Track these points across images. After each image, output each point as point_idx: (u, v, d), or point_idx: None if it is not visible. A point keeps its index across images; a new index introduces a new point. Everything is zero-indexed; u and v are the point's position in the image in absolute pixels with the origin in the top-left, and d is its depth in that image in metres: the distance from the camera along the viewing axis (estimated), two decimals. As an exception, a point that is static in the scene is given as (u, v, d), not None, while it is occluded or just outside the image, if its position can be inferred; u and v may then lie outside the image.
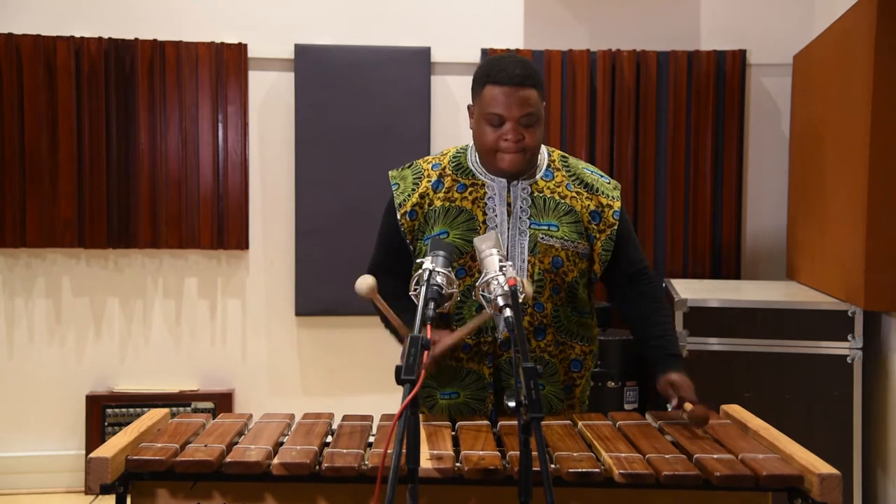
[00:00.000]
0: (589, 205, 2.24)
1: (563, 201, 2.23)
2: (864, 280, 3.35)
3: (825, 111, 3.91)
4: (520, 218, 2.22)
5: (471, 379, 2.24)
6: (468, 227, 2.20)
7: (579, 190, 2.25)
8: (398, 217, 2.25)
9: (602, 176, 2.31)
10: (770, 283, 4.35)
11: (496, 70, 2.13)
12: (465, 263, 2.19)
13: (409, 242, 2.26)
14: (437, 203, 2.23)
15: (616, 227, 2.25)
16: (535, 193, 2.23)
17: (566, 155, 2.34)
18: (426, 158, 2.35)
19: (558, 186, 2.25)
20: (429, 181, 2.26)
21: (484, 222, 2.21)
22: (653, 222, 4.47)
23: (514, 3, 4.53)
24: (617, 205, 2.26)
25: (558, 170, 2.28)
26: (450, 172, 2.27)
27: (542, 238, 2.20)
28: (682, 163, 4.46)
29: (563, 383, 2.28)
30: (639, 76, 4.45)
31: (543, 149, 2.29)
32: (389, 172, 2.33)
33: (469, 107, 2.25)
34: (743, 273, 4.54)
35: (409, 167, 2.33)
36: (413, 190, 2.26)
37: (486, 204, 2.22)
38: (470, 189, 2.24)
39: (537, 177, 2.25)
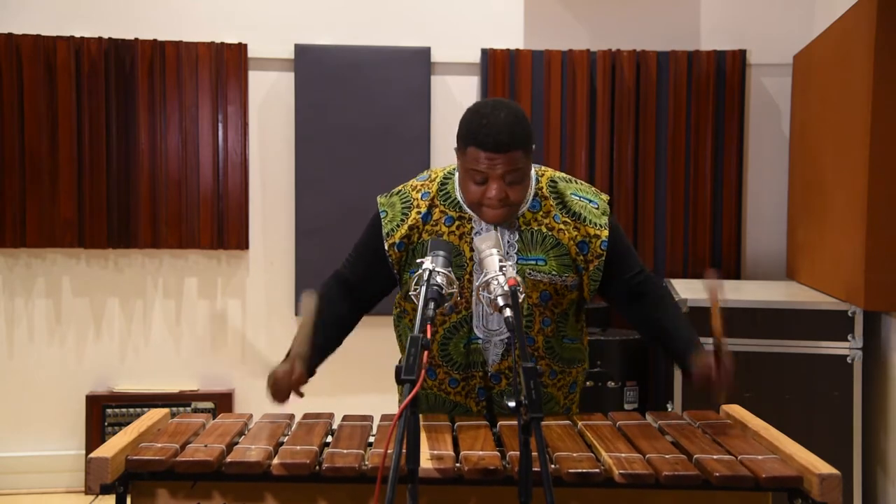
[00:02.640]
0: (576, 235, 2.17)
1: (550, 234, 2.17)
2: (864, 280, 3.35)
3: (825, 111, 3.91)
4: (507, 254, 2.15)
5: (458, 412, 2.23)
6: (455, 264, 2.13)
7: (566, 220, 2.18)
8: (385, 246, 2.21)
9: (591, 201, 2.22)
10: (770, 283, 4.35)
11: (482, 134, 2.04)
12: (454, 299, 2.13)
13: (395, 273, 2.23)
14: (426, 237, 2.18)
15: (604, 257, 2.18)
16: (523, 227, 2.17)
17: (555, 179, 2.23)
18: (415, 185, 2.26)
19: (545, 217, 2.18)
20: (418, 213, 2.20)
21: (471, 258, 2.15)
22: (653, 222, 4.46)
23: (514, 3, 4.53)
24: (604, 234, 2.18)
25: (546, 198, 2.19)
26: (438, 203, 2.20)
27: (530, 273, 2.15)
28: (682, 163, 4.46)
29: (562, 408, 2.27)
30: (639, 76, 4.45)
31: (532, 173, 2.20)
32: (378, 199, 2.27)
33: (456, 150, 2.16)
34: (743, 273, 4.54)
35: (397, 194, 2.26)
36: (402, 220, 2.20)
37: (472, 239, 2.16)
38: (457, 223, 2.18)
39: (524, 209, 2.18)
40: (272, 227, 4.54)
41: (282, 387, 2.10)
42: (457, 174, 2.22)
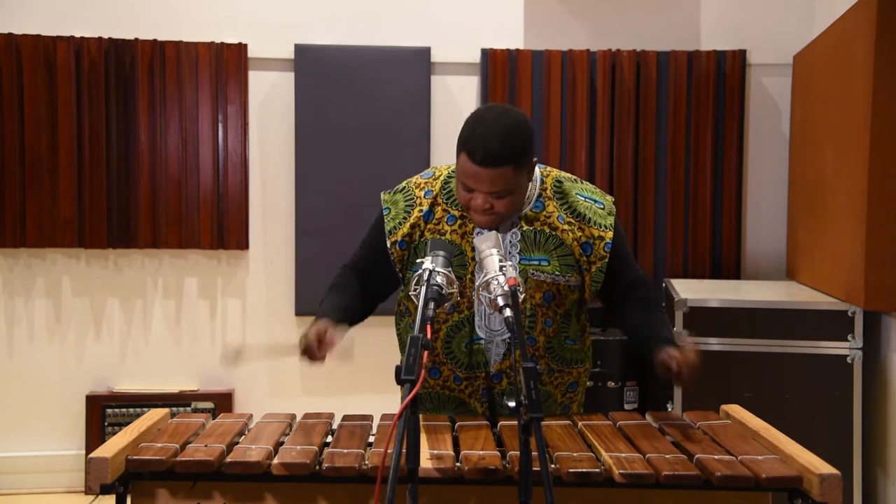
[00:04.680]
0: (580, 236, 2.17)
1: (553, 234, 2.17)
2: (864, 280, 3.35)
3: (825, 111, 3.91)
4: (509, 253, 2.15)
5: (461, 410, 2.23)
6: (457, 263, 2.13)
7: (571, 221, 2.18)
8: (388, 244, 2.21)
9: (596, 201, 2.23)
10: (770, 283, 4.35)
11: (474, 143, 2.02)
12: (454, 299, 2.13)
13: (398, 271, 2.23)
14: (428, 235, 2.19)
15: (607, 260, 2.19)
16: (525, 227, 2.17)
17: (561, 179, 2.24)
18: (418, 182, 2.27)
19: (549, 218, 2.17)
20: (420, 211, 2.20)
21: (473, 258, 2.14)
22: (653, 222, 4.47)
23: (514, 3, 4.53)
24: (609, 236, 2.19)
25: (550, 199, 2.19)
26: (441, 202, 2.21)
27: (533, 273, 2.15)
28: (682, 163, 4.46)
29: (560, 406, 2.28)
30: (639, 76, 4.45)
31: (537, 173, 2.21)
32: (382, 195, 2.28)
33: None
34: (743, 273, 4.54)
35: (401, 191, 2.26)
36: (404, 219, 2.21)
37: (474, 238, 2.15)
38: (459, 222, 2.18)
39: (526, 210, 2.17)
40: (272, 227, 4.54)
41: (311, 340, 2.08)
42: None
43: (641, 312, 2.26)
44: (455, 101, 4.48)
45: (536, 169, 2.21)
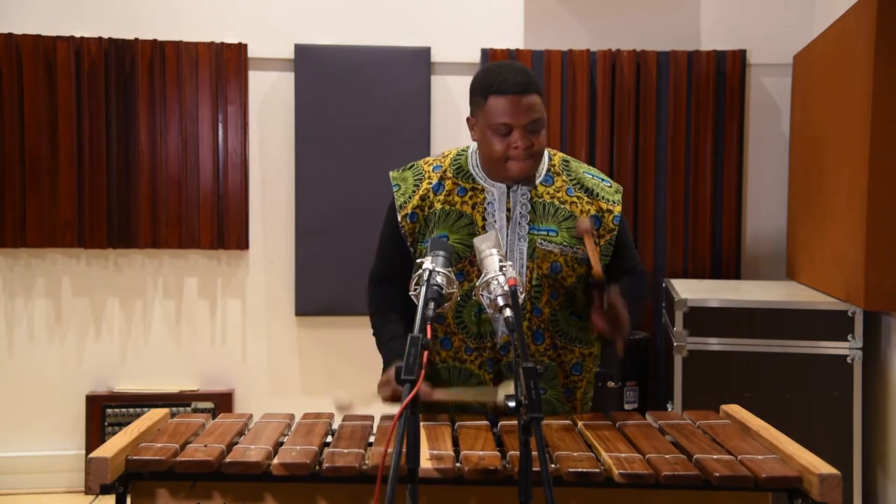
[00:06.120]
0: (589, 209, 2.23)
1: (562, 206, 2.22)
2: (864, 280, 3.35)
3: (825, 111, 3.91)
4: (519, 223, 2.21)
5: (473, 382, 2.24)
6: (468, 232, 2.19)
7: (579, 195, 2.24)
8: (399, 219, 2.24)
9: (603, 180, 2.30)
10: (770, 283, 4.35)
11: (498, 80, 2.12)
12: (464, 268, 2.19)
13: (409, 245, 2.25)
14: (438, 206, 2.22)
15: (616, 233, 2.24)
16: (535, 199, 2.22)
17: (568, 158, 2.32)
18: (427, 160, 2.33)
19: (558, 191, 2.23)
20: (429, 183, 2.25)
21: (483, 227, 2.20)
22: (653, 222, 4.47)
23: (514, 3, 4.53)
24: (617, 209, 2.25)
25: (559, 174, 2.26)
26: (450, 175, 2.25)
27: (541, 243, 2.19)
28: (682, 163, 4.47)
29: (563, 387, 2.28)
30: (639, 76, 4.45)
31: (545, 152, 2.27)
32: (390, 173, 2.32)
33: (469, 119, 2.23)
34: (743, 273, 4.54)
35: (409, 168, 2.31)
36: (414, 192, 2.25)
37: (485, 209, 2.21)
38: (470, 193, 2.23)
39: (537, 182, 2.23)
40: (272, 227, 4.54)
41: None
42: (470, 150, 2.29)
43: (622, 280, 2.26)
44: (455, 101, 4.48)
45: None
